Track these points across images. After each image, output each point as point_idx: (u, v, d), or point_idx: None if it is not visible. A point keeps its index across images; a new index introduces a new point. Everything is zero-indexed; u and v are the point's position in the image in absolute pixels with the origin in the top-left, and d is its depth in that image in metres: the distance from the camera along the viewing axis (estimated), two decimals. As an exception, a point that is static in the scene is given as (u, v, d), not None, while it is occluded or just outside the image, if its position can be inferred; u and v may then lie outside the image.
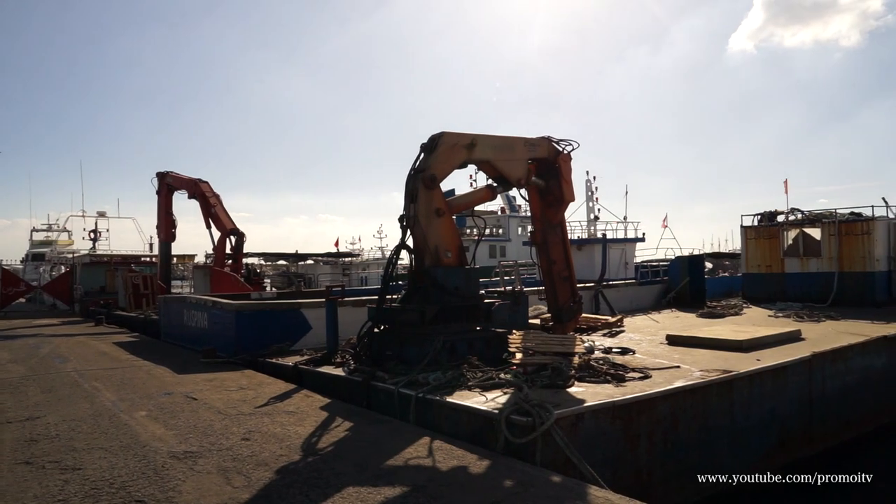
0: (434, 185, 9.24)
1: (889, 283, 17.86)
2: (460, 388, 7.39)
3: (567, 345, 9.67)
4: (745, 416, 8.67)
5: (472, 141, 9.66)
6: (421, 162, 9.46)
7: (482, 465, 5.41)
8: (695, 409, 7.91)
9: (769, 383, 9.17)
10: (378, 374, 8.23)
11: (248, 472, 5.25)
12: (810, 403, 9.98)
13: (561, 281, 11.40)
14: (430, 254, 9.26)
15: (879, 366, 11.90)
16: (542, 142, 10.89)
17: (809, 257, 19.03)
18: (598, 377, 8.03)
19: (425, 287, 9.23)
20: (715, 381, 8.23)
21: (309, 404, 7.83)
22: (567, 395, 7.19)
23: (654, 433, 7.38)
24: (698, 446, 7.96)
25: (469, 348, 8.90)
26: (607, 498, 4.66)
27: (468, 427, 6.58)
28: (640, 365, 8.90)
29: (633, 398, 7.14)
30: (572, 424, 6.43)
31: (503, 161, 10.24)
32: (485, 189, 10.84)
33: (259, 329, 11.67)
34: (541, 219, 11.30)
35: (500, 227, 36.65)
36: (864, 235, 17.83)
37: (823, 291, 18.04)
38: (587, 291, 17.33)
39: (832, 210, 19.25)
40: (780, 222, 20.14)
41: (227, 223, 22.47)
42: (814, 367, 10.08)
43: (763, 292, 19.54)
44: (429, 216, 9.25)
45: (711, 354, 10.05)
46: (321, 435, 6.43)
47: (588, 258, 23.12)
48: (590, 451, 6.41)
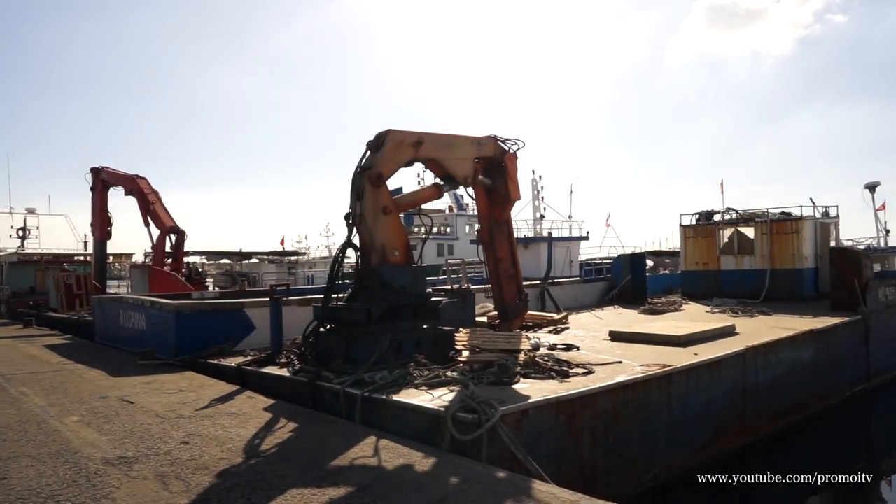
0: (380, 182, 9.18)
1: (816, 280, 18.80)
2: (407, 387, 7.37)
3: (513, 342, 9.79)
4: (682, 409, 8.97)
5: (418, 139, 9.65)
6: (367, 159, 9.39)
7: (428, 463, 5.42)
8: (635, 402, 8.14)
9: (705, 377, 9.52)
10: (323, 373, 8.13)
11: (187, 476, 5.09)
12: (744, 395, 10.41)
13: (507, 279, 11.53)
14: (377, 252, 9.20)
15: (807, 358, 12.52)
16: (489, 140, 10.97)
17: (743, 255, 19.82)
18: (543, 373, 8.16)
19: (372, 286, 9.17)
20: (654, 375, 8.48)
21: (252, 406, 7.66)
22: (513, 392, 7.27)
23: (597, 427, 7.56)
24: (639, 439, 8.19)
25: (416, 347, 8.89)
26: (551, 492, 4.74)
27: (415, 426, 6.58)
28: (583, 361, 9.09)
29: (577, 394, 7.29)
30: (518, 421, 6.51)
31: (450, 159, 10.27)
32: (432, 187, 10.85)
33: (200, 329, 11.34)
34: (487, 217, 11.40)
35: (448, 225, 36.81)
36: (794, 234, 18.71)
37: (756, 288, 18.82)
38: (533, 289, 17.57)
39: (764, 210, 20.11)
40: (717, 221, 20.90)
41: (167, 221, 21.76)
42: (747, 360, 10.52)
43: (701, 289, 20.24)
44: (375, 214, 9.19)
45: (652, 349, 10.35)
46: (264, 437, 6.30)
47: (534, 256, 23.46)
48: (535, 447, 6.51)
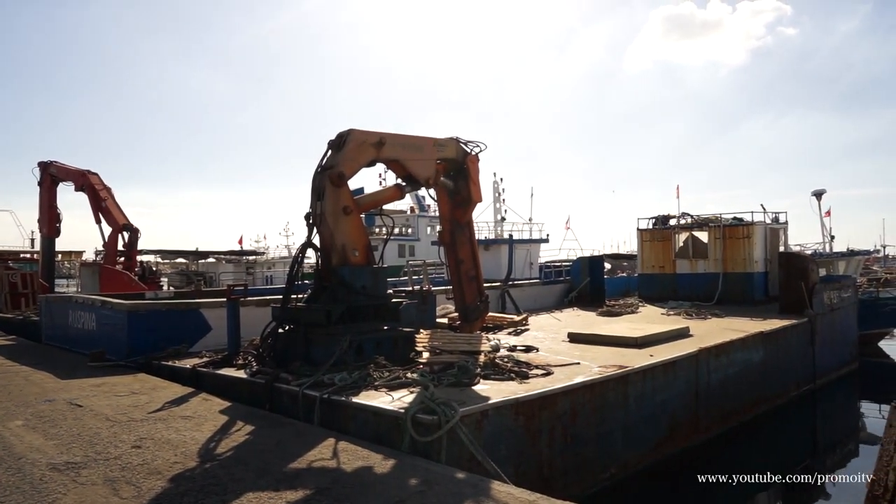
0: (342, 182, 9.10)
1: (766, 283, 19.41)
2: (367, 389, 7.32)
3: (473, 343, 9.83)
4: (638, 409, 9.16)
5: (380, 139, 9.61)
6: (328, 159, 9.30)
7: (387, 464, 5.39)
8: (593, 403, 8.27)
9: (660, 377, 9.73)
10: (282, 375, 8.01)
11: (139, 481, 4.95)
12: (697, 395, 10.68)
13: (468, 280, 11.57)
14: (337, 252, 9.12)
15: (757, 359, 12.93)
16: (451, 142, 11.00)
17: (698, 259, 20.34)
18: (503, 375, 8.21)
19: (332, 286, 9.08)
20: (611, 376, 8.63)
21: (207, 408, 7.49)
22: (472, 393, 7.30)
23: (555, 428, 7.65)
24: (596, 439, 8.33)
25: (376, 348, 8.84)
26: (509, 492, 4.77)
27: (374, 427, 6.54)
28: (542, 362, 9.18)
29: (535, 394, 7.36)
30: (477, 422, 6.54)
31: (412, 160, 10.25)
32: (393, 188, 10.81)
33: (154, 330, 11.04)
34: (449, 219, 11.42)
35: (410, 226, 36.70)
36: (745, 239, 19.29)
37: (710, 290, 19.32)
38: (494, 291, 17.67)
39: (718, 215, 20.67)
40: (672, 226, 21.38)
41: (120, 218, 21.11)
42: (700, 361, 10.80)
43: (657, 291, 20.69)
44: (336, 214, 9.10)
45: (609, 351, 10.52)
46: (220, 440, 6.17)
47: (495, 258, 23.61)
48: (494, 447, 6.56)
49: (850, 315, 19.05)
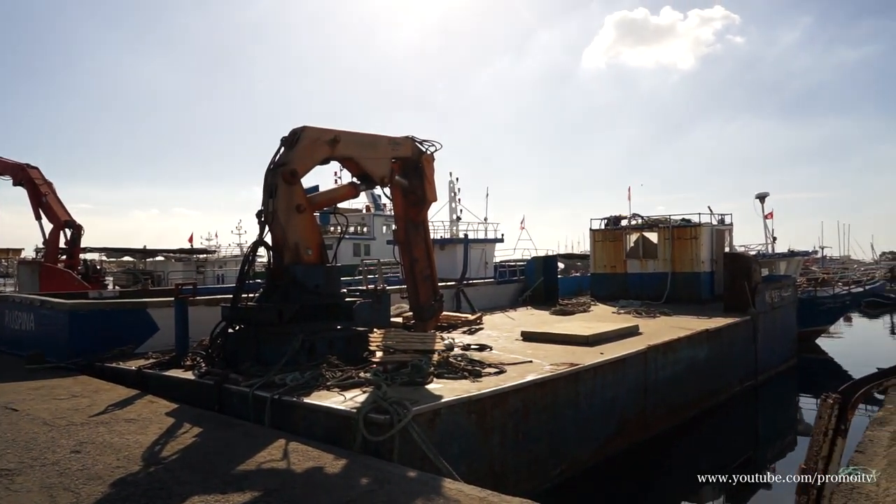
0: (294, 180, 8.98)
1: (712, 283, 20.02)
2: (319, 389, 7.25)
3: (427, 342, 9.84)
4: (589, 406, 9.33)
5: (334, 137, 9.51)
6: (281, 156, 9.16)
7: (339, 464, 5.35)
8: (544, 400, 8.38)
9: (610, 375, 9.94)
10: (231, 376, 7.85)
11: (78, 487, 4.78)
12: (645, 392, 10.95)
13: (423, 279, 11.57)
14: (290, 251, 8.99)
15: (702, 357, 13.34)
16: (406, 141, 10.97)
17: (648, 259, 20.82)
18: (456, 373, 8.24)
19: (284, 285, 8.96)
20: (563, 374, 8.77)
21: (153, 410, 7.29)
22: (426, 392, 7.30)
23: (507, 425, 7.72)
24: (547, 436, 8.44)
25: (329, 347, 8.75)
26: (460, 489, 4.80)
27: (326, 428, 6.48)
28: (496, 361, 9.25)
29: (488, 393, 7.42)
30: (429, 420, 6.55)
31: (366, 159, 10.19)
32: (347, 186, 10.73)
33: (97, 331, 10.66)
34: (404, 217, 11.39)
35: (365, 225, 36.43)
36: (693, 240, 19.85)
37: (659, 290, 19.81)
38: (449, 290, 17.72)
39: (667, 216, 21.22)
40: (624, 227, 21.83)
41: (62, 214, 20.35)
42: (648, 358, 11.07)
43: (608, 291, 21.08)
44: (289, 212, 8.98)
45: (561, 349, 10.68)
46: (166, 443, 6.01)
47: (450, 257, 23.66)
48: (446, 446, 6.58)
49: (790, 313, 19.84)
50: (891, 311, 37.02)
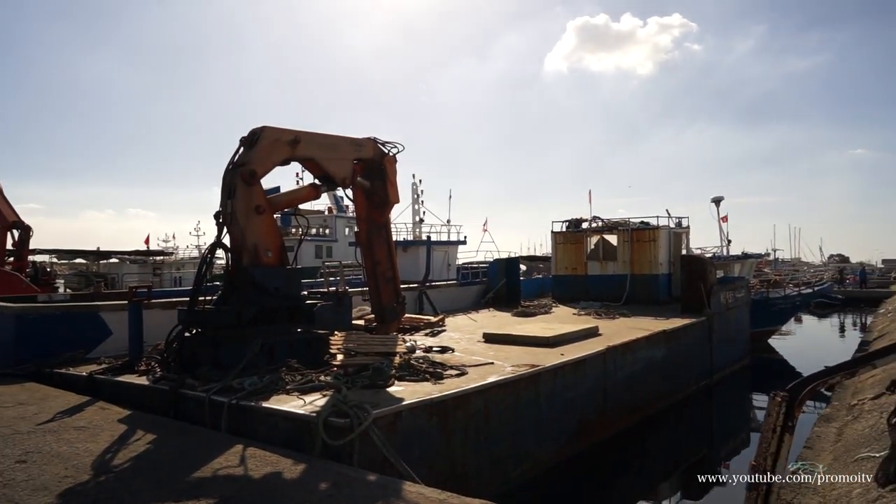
0: (254, 180, 8.84)
1: (669, 284, 20.46)
2: (278, 393, 7.14)
3: (389, 345, 9.79)
4: (549, 407, 9.42)
5: (295, 137, 9.40)
6: (240, 156, 9.01)
7: (297, 469, 5.27)
8: (506, 402, 8.42)
9: (571, 375, 10.05)
10: (188, 381, 7.67)
11: (23, 499, 4.59)
12: (604, 392, 11.11)
13: (385, 281, 11.51)
14: (249, 252, 8.84)
15: (660, 357, 13.61)
16: (368, 142, 10.92)
17: (608, 261, 21.15)
18: (418, 375, 8.23)
19: (243, 288, 8.80)
20: (524, 375, 8.83)
21: (104, 418, 7.06)
22: (387, 395, 7.27)
23: (469, 427, 7.74)
24: (509, 437, 8.49)
25: (289, 351, 8.64)
26: (420, 492, 4.78)
27: (286, 432, 6.39)
28: (457, 362, 9.27)
29: (449, 395, 7.42)
30: (391, 423, 6.51)
31: (328, 160, 10.09)
32: (308, 187, 10.62)
33: (46, 336, 10.28)
34: (366, 219, 11.32)
35: (327, 227, 36.06)
36: (651, 242, 20.26)
37: (619, 291, 20.14)
38: (411, 292, 17.68)
39: (626, 219, 21.62)
40: (585, 229, 22.14)
41: (9, 214, 19.63)
42: (607, 359, 11.24)
43: (569, 292, 21.33)
44: (248, 213, 8.83)
45: (522, 350, 10.76)
46: (117, 451, 5.83)
47: (413, 259, 23.61)
48: (408, 449, 6.55)
49: (743, 314, 20.40)
50: (838, 311, 38.44)
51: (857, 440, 7.82)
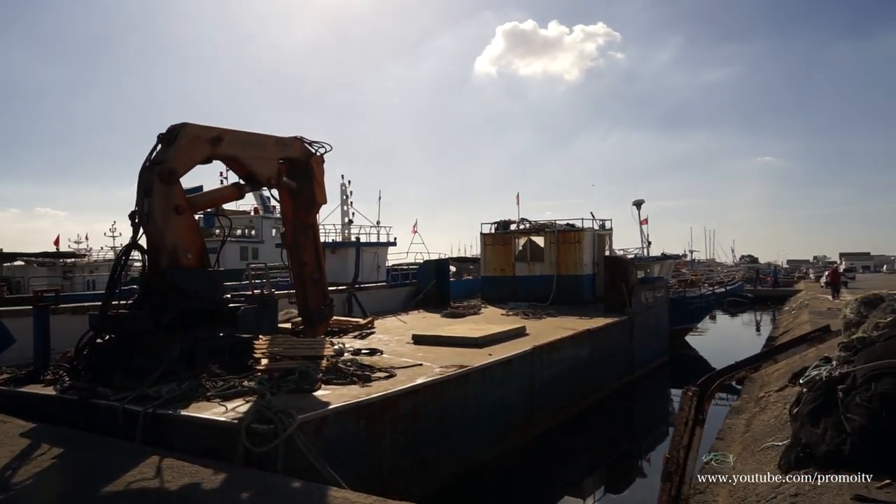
0: (172, 179, 8.49)
1: (594, 284, 21.09)
2: (198, 400, 6.88)
3: (316, 348, 9.62)
4: (477, 406, 9.51)
5: (218, 135, 9.09)
6: (158, 153, 8.63)
7: (218, 479, 5.10)
8: (434, 403, 8.45)
9: (498, 375, 10.19)
10: (100, 390, 7.27)
11: None
12: (531, 391, 11.33)
13: (312, 284, 11.29)
14: (167, 254, 8.48)
15: (585, 355, 14.00)
16: (295, 142, 10.70)
17: (535, 262, 21.58)
18: (346, 379, 8.13)
19: (161, 291, 8.43)
20: (452, 376, 8.88)
21: (4, 432, 6.60)
22: (313, 399, 7.14)
23: (397, 429, 7.71)
24: (437, 438, 8.51)
25: (211, 356, 8.34)
26: (345, 497, 4.72)
27: (206, 441, 6.16)
28: (386, 365, 9.21)
29: (377, 397, 7.37)
30: (317, 428, 6.41)
31: (252, 159, 9.82)
32: (231, 187, 10.30)
33: (-61, 344, 9.49)
34: (292, 220, 11.08)
35: (253, 228, 35.07)
36: (576, 244, 20.82)
37: (545, 292, 20.56)
38: (340, 294, 17.46)
39: (553, 221, 22.11)
40: (512, 231, 22.51)
41: None
42: (534, 358, 11.47)
43: (498, 293, 21.60)
44: (166, 213, 8.46)
45: (452, 351, 10.81)
46: (19, 466, 5.46)
47: (341, 261, 23.30)
48: (335, 453, 6.46)
49: (662, 313, 21.30)
50: (748, 309, 40.78)
51: (763, 430, 8.30)
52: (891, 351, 5.68)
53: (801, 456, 5.44)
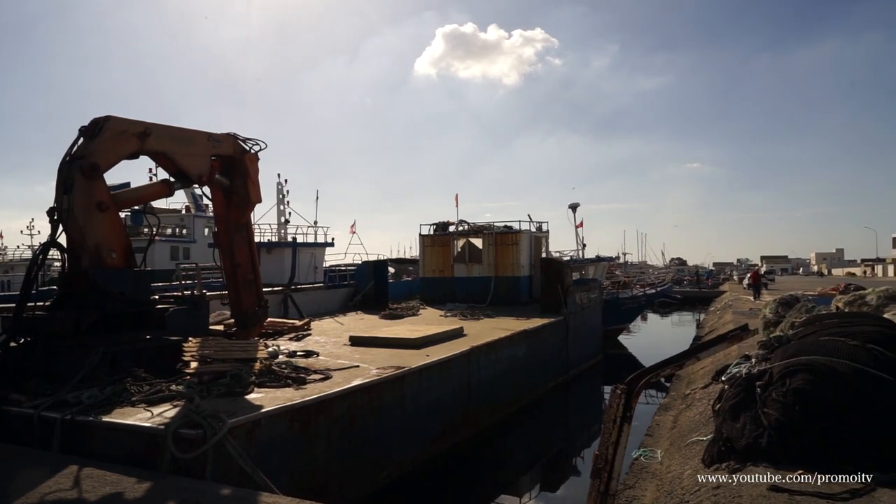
0: (95, 174, 8.09)
1: (531, 286, 21.44)
2: (122, 405, 6.58)
3: (249, 350, 9.38)
4: (415, 408, 9.49)
5: (145, 129, 8.73)
6: (79, 147, 8.22)
7: (142, 488, 4.89)
8: (370, 405, 8.37)
9: (436, 376, 10.20)
10: (13, 396, 6.85)
11: None
12: (468, 391, 11.40)
13: (246, 285, 11.01)
14: (89, 253, 8.08)
15: (521, 355, 14.20)
16: (228, 139, 10.41)
17: (473, 263, 21.76)
18: (280, 381, 7.96)
19: (82, 292, 8.02)
20: (389, 377, 8.83)
21: None
22: (246, 403, 6.95)
23: (332, 432, 7.60)
24: (374, 440, 8.44)
25: (136, 360, 7.99)
26: (277, 502, 4.61)
27: (130, 448, 5.90)
28: (322, 367, 9.08)
29: (312, 400, 7.24)
30: (248, 432, 6.24)
31: (182, 155, 9.49)
32: (160, 184, 9.92)
33: None
34: (225, 219, 10.77)
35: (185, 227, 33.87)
36: (513, 245, 21.12)
37: (484, 293, 20.77)
38: (275, 295, 17.11)
39: (492, 223, 22.35)
40: (451, 232, 22.62)
41: None
42: (472, 359, 11.55)
43: (437, 294, 21.66)
44: (88, 210, 8.06)
45: (389, 353, 10.76)
46: (-81, 480, 5.06)
47: (277, 262, 22.84)
48: (267, 458, 6.31)
49: (597, 313, 21.87)
50: (677, 309, 42.44)
51: (689, 426, 8.64)
52: (804, 348, 6.02)
53: (723, 450, 5.68)
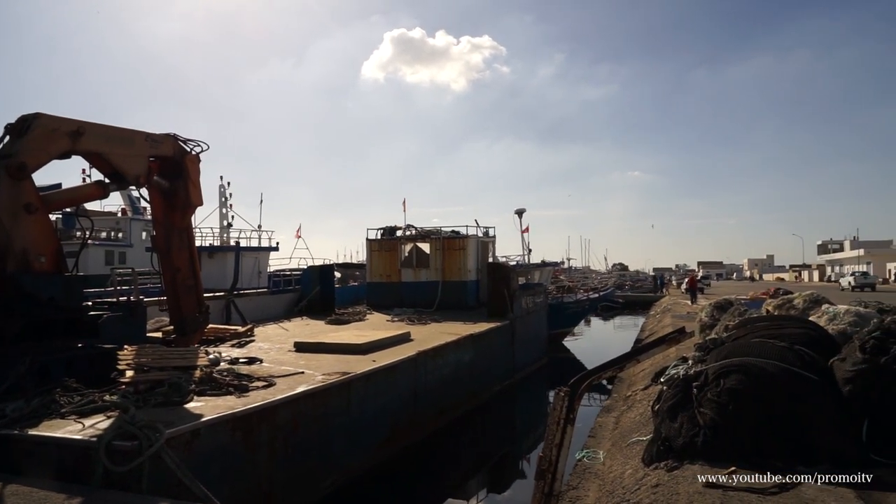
0: (22, 175, 7.70)
1: (478, 290, 21.60)
2: (51, 418, 6.27)
3: (189, 358, 9.08)
4: (361, 414, 9.41)
5: (78, 128, 8.37)
6: (5, 146, 7.81)
7: None
8: (315, 411, 8.25)
9: (382, 381, 10.14)
10: (-73, 411, 6.42)
11: None
12: (415, 396, 11.37)
13: (186, 290, 10.68)
14: (15, 257, 7.67)
15: (468, 360, 14.28)
16: (167, 139, 10.09)
17: (421, 268, 21.77)
18: (221, 389, 7.75)
19: (8, 298, 7.61)
20: (334, 383, 8.73)
21: None
22: (184, 412, 6.73)
23: (276, 440, 7.45)
24: (318, 448, 8.32)
25: (67, 369, 7.64)
26: (217, 515, 4.48)
27: (59, 463, 5.63)
28: (265, 374, 8.90)
29: (254, 408, 7.09)
30: (187, 442, 6.05)
31: (118, 155, 9.14)
32: (94, 185, 9.54)
33: None
34: (164, 223, 10.42)
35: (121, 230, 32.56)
36: (461, 251, 21.25)
37: (431, 298, 20.79)
38: (218, 301, 16.65)
39: (439, 228, 22.43)
40: (399, 237, 22.58)
41: None
42: (418, 364, 11.53)
43: (384, 299, 21.54)
44: (15, 212, 7.67)
45: (334, 358, 10.63)
46: None
47: (220, 266, 22.22)
48: (207, 469, 6.13)
49: (542, 318, 22.20)
50: (619, 313, 43.55)
51: (630, 427, 8.87)
52: (737, 350, 6.27)
53: (662, 449, 5.86)
